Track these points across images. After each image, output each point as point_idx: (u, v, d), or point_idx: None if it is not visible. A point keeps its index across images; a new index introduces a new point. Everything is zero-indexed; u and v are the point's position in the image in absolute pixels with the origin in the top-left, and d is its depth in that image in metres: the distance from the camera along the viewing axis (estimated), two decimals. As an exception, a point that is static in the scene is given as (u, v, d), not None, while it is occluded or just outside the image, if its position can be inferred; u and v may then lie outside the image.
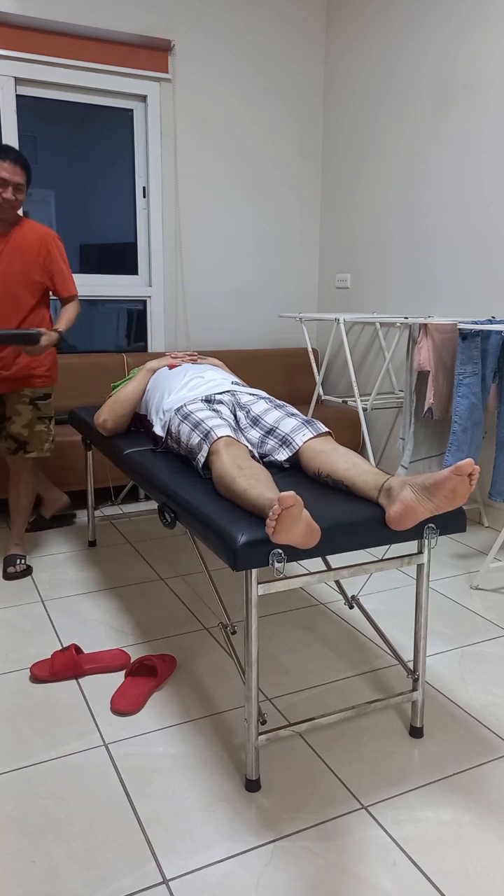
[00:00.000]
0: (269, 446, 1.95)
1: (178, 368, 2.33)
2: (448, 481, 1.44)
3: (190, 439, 1.92)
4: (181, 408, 2.03)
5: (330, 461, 1.76)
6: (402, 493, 1.51)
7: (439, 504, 1.48)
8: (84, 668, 2.01)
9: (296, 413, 1.99)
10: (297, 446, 1.87)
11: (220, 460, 1.72)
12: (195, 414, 1.97)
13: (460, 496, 1.46)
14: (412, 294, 3.67)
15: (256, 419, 2.02)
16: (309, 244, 4.37)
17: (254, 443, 1.99)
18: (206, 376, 2.24)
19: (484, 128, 3.15)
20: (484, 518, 3.30)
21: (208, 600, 2.51)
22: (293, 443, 1.88)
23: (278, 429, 1.95)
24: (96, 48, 3.55)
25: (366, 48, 3.82)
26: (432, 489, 1.47)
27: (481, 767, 1.64)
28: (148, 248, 3.96)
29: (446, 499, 1.47)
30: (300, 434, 1.89)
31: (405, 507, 1.49)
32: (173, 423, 2.04)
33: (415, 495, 1.49)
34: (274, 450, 1.93)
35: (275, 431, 1.95)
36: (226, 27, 3.86)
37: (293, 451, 1.87)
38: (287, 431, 1.92)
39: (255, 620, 1.48)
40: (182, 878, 1.33)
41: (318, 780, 1.60)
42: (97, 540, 3.11)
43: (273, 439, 1.94)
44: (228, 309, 4.21)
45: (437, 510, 1.49)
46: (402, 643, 2.22)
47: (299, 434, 1.89)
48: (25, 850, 1.40)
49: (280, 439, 1.93)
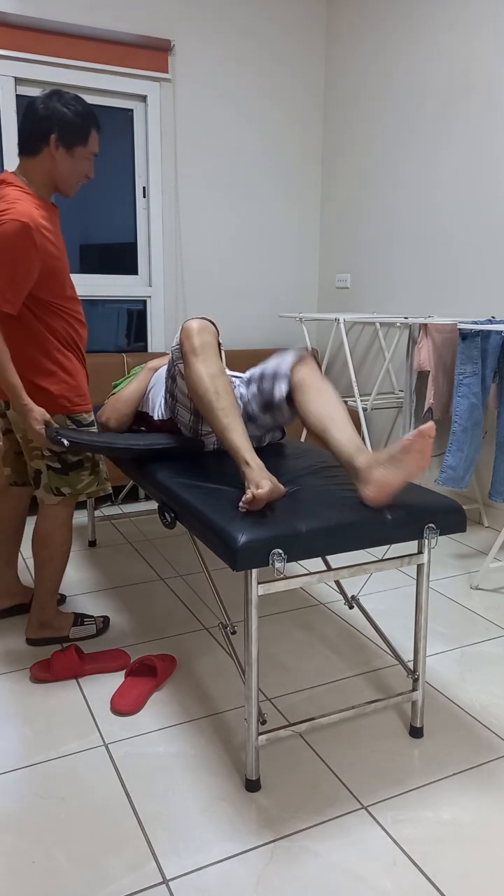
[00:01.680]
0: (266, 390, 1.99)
1: None
2: (414, 443, 1.53)
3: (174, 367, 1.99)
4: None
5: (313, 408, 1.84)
6: (372, 474, 1.58)
7: (408, 470, 1.56)
8: (84, 668, 2.01)
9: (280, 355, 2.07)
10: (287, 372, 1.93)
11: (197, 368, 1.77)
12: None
13: (426, 457, 1.55)
14: (412, 294, 3.67)
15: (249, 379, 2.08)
16: (309, 244, 4.37)
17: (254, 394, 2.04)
18: None
19: (484, 128, 3.15)
20: (484, 518, 3.30)
21: (208, 600, 2.51)
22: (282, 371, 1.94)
23: (266, 370, 2.00)
24: (96, 48, 3.55)
25: (366, 47, 3.82)
26: (399, 456, 1.55)
27: (481, 767, 1.64)
28: (148, 248, 3.96)
29: (414, 461, 1.55)
30: (285, 361, 1.95)
31: (378, 485, 1.57)
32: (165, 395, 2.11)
33: (385, 471, 1.57)
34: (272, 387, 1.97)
35: (264, 373, 2.01)
36: (226, 27, 3.86)
37: (286, 379, 1.92)
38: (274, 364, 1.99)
39: (255, 620, 1.48)
40: (182, 878, 1.33)
41: (318, 780, 1.60)
42: (97, 540, 3.11)
43: (267, 381, 1.99)
44: (228, 309, 4.21)
45: (408, 477, 1.57)
46: (402, 643, 2.22)
47: (285, 362, 1.95)
48: (25, 850, 1.40)
49: (271, 375, 1.98)
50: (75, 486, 2.05)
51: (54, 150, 1.88)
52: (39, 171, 1.91)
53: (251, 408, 2.05)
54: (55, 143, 1.87)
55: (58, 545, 2.09)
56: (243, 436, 1.67)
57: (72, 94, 1.90)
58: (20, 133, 1.91)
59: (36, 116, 1.86)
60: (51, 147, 1.88)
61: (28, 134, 1.89)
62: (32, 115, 1.87)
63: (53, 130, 1.86)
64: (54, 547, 2.09)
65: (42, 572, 2.10)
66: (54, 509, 2.06)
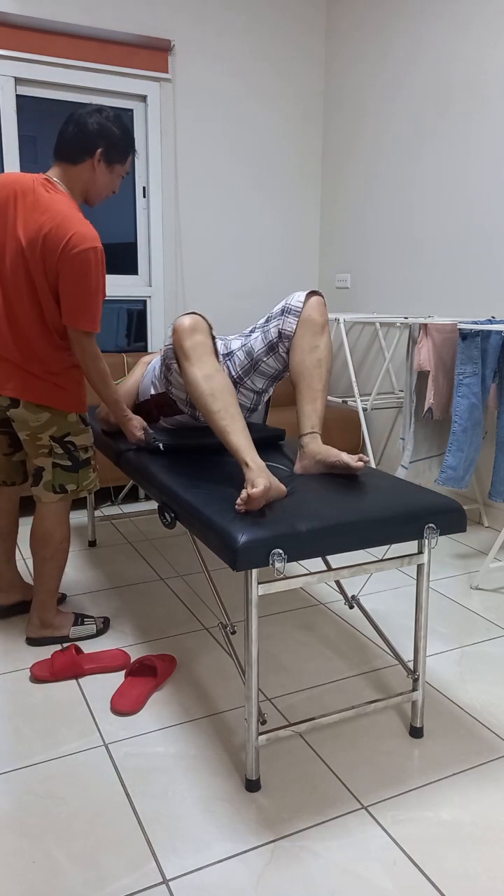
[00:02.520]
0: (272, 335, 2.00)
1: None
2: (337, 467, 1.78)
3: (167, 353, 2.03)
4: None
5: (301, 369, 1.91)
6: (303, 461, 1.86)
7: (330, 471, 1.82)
8: (84, 668, 2.01)
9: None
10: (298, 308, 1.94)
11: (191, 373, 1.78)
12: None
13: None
14: (412, 294, 3.67)
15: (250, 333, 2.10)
16: (309, 244, 4.37)
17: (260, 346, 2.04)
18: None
19: (484, 128, 3.15)
20: (484, 518, 3.30)
21: (208, 600, 2.51)
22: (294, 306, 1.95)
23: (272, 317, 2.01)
24: (96, 48, 3.55)
25: (367, 47, 3.82)
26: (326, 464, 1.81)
27: (481, 767, 1.64)
28: (148, 248, 3.96)
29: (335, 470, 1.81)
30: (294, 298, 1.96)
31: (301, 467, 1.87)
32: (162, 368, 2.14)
33: (310, 463, 1.84)
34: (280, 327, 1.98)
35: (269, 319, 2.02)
36: (226, 27, 3.86)
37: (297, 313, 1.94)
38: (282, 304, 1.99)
39: (255, 620, 1.48)
40: (182, 878, 1.33)
41: (318, 780, 1.60)
42: (97, 540, 3.11)
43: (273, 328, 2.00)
44: (229, 309, 4.21)
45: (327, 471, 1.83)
46: (402, 643, 2.22)
47: (293, 299, 1.96)
48: (25, 850, 1.40)
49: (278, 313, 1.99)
50: (82, 482, 2.11)
51: (97, 163, 1.98)
52: (78, 179, 2.00)
53: (255, 352, 2.06)
54: (99, 156, 1.97)
55: (57, 542, 2.11)
56: (243, 435, 1.67)
57: (116, 113, 2.01)
58: (66, 141, 1.97)
59: (86, 129, 1.95)
60: (94, 160, 1.97)
61: (74, 143, 1.96)
62: (82, 127, 1.95)
63: (101, 145, 1.96)
64: (54, 545, 2.11)
65: (42, 571, 2.12)
66: (53, 507, 2.08)
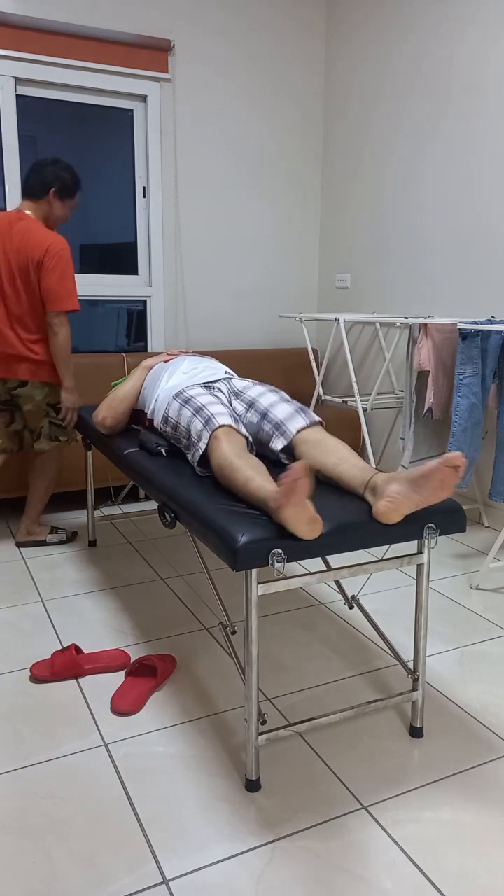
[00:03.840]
0: (265, 432, 1.96)
1: (175, 360, 2.36)
2: (437, 472, 1.47)
3: (191, 424, 1.92)
4: (181, 392, 2.04)
5: (319, 455, 1.79)
6: (388, 487, 1.53)
7: (426, 496, 1.50)
8: (84, 668, 2.01)
9: (290, 400, 2.01)
10: (290, 434, 1.88)
11: (221, 448, 1.74)
12: (196, 399, 1.97)
13: (447, 488, 1.49)
14: (412, 294, 3.67)
15: (252, 402, 2.03)
16: (309, 244, 4.37)
17: (252, 428, 2.00)
18: (201, 365, 2.28)
19: (484, 128, 3.15)
20: (484, 518, 3.30)
21: (208, 600, 2.51)
22: (287, 431, 1.90)
23: (271, 412, 1.96)
24: (96, 48, 3.55)
25: (367, 48, 3.82)
26: (419, 481, 1.49)
27: (481, 767, 1.64)
28: (148, 248, 3.96)
29: (433, 490, 1.49)
30: (293, 422, 1.90)
31: (392, 500, 1.50)
32: (172, 408, 2.04)
33: (401, 488, 1.51)
34: (270, 437, 1.94)
35: (268, 415, 1.96)
36: (226, 27, 3.86)
37: (288, 439, 1.88)
38: (281, 418, 1.93)
39: (255, 620, 1.48)
40: (182, 878, 1.33)
41: (318, 780, 1.60)
42: (97, 540, 3.11)
43: (268, 424, 1.95)
44: (228, 309, 4.21)
45: (423, 503, 1.51)
46: (402, 643, 2.21)
47: (292, 422, 1.91)
48: (25, 850, 1.40)
49: (274, 425, 1.94)
50: (70, 435, 2.96)
51: (52, 198, 2.73)
52: (40, 210, 2.75)
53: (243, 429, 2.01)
54: (53, 194, 2.72)
55: (53, 475, 2.99)
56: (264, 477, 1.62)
57: (67, 164, 2.74)
58: (30, 184, 2.72)
59: (44, 175, 2.69)
60: (50, 196, 2.72)
61: (37, 184, 2.71)
62: (41, 173, 2.70)
63: (55, 185, 2.71)
64: (51, 477, 2.98)
65: (38, 495, 2.99)
66: (51, 452, 2.94)
